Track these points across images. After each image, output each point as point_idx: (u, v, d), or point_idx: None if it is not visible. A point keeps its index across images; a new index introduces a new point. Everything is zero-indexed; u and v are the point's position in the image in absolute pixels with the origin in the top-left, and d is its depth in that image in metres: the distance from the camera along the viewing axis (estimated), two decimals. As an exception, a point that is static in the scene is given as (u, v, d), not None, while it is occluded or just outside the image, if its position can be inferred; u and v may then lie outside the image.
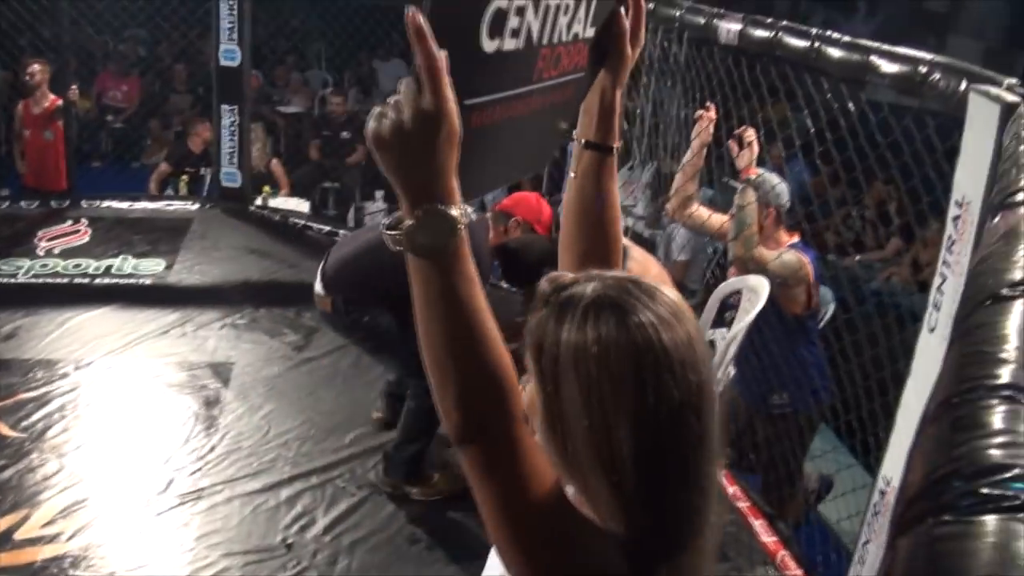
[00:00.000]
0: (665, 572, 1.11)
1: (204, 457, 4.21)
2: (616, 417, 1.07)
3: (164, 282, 6.24)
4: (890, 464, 3.01)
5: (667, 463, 1.10)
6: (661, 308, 1.12)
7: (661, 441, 1.09)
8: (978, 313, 0.91)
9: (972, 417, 0.69)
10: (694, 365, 1.10)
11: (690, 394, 1.09)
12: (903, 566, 0.56)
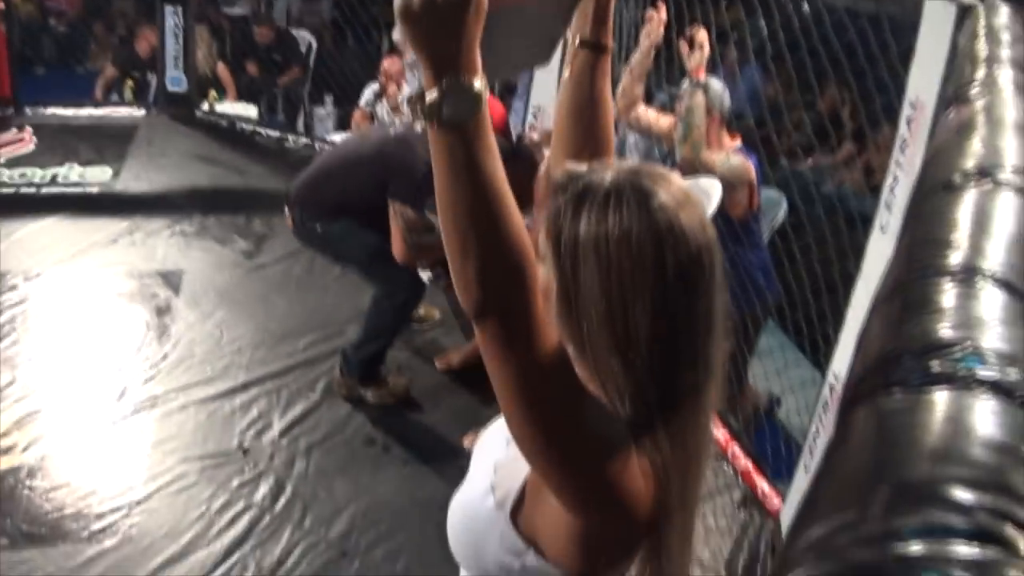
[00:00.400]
0: (668, 447, 1.16)
1: (157, 365, 4.19)
2: (635, 297, 1.12)
3: (112, 190, 6.12)
4: (840, 360, 3.07)
5: (679, 342, 1.16)
6: (676, 191, 1.17)
7: (676, 320, 1.15)
8: (930, 201, 0.92)
9: (923, 297, 0.70)
10: (708, 247, 1.16)
11: (704, 275, 1.15)
12: (851, 439, 0.57)
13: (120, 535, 3.24)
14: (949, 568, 0.44)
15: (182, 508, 3.37)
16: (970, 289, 0.70)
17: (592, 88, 1.50)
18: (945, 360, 0.59)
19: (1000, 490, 0.48)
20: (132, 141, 6.85)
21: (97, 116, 7.37)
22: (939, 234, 0.83)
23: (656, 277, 1.13)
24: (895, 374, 0.60)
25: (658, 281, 1.13)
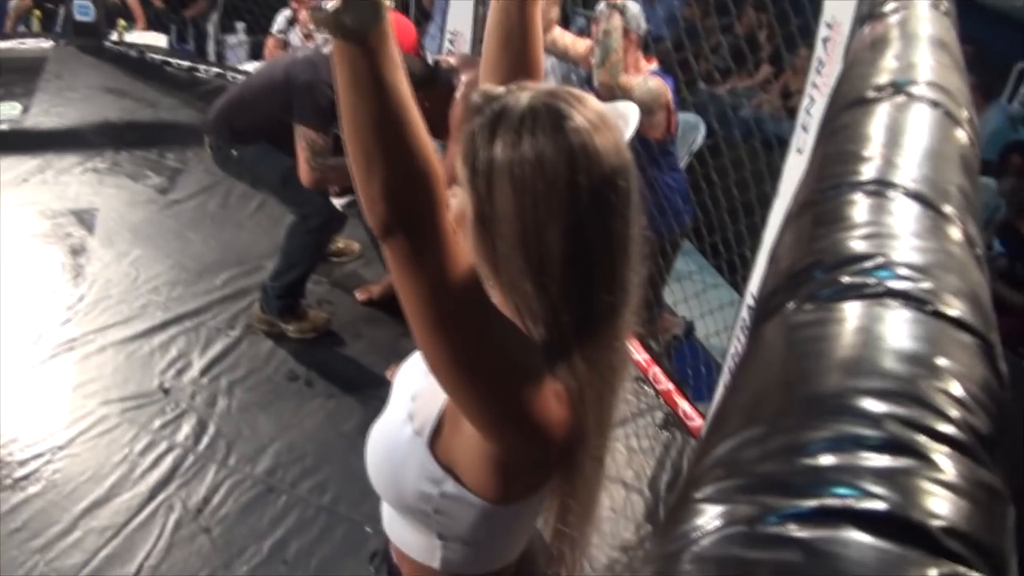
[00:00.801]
0: (583, 371, 1.18)
1: (73, 307, 4.09)
2: (548, 219, 1.13)
3: (21, 127, 5.90)
4: (757, 281, 3.11)
5: (594, 265, 1.17)
6: (591, 114, 1.17)
7: (590, 243, 1.15)
8: (842, 116, 0.91)
9: (834, 211, 0.69)
10: (623, 170, 1.18)
11: (619, 197, 1.16)
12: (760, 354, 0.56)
13: (43, 481, 3.18)
14: (859, 479, 0.44)
15: (104, 451, 3.31)
16: (882, 202, 0.70)
17: (521, 14, 1.46)
18: (856, 273, 0.59)
19: (912, 400, 0.48)
20: (40, 74, 6.61)
21: (3, 49, 7.08)
22: (851, 148, 0.82)
23: (569, 199, 1.13)
24: (805, 288, 0.60)
25: (572, 203, 1.13)
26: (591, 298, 1.18)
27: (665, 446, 3.53)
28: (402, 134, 1.02)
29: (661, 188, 4.25)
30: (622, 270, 1.20)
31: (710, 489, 0.46)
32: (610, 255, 1.18)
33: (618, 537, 3.10)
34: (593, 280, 1.17)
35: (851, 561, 0.40)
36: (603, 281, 1.18)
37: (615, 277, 1.19)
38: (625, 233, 1.19)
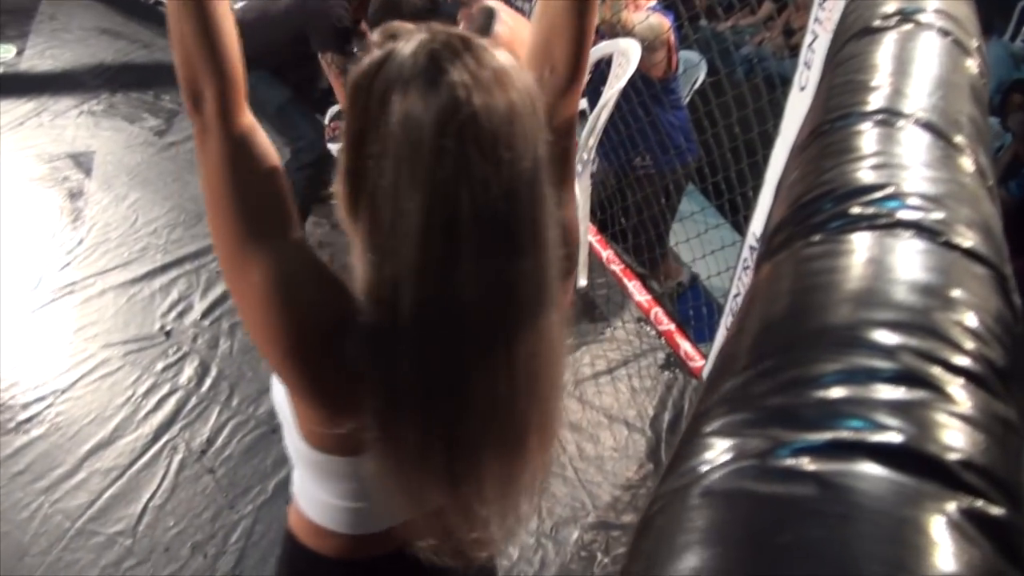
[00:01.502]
0: (408, 375, 1.04)
1: (73, 251, 4.08)
2: (409, 187, 0.97)
3: (16, 70, 5.86)
4: (759, 220, 3.09)
5: (458, 248, 0.98)
6: (484, 71, 0.98)
7: (455, 220, 0.97)
8: (849, 46, 0.89)
9: (842, 142, 0.68)
10: (509, 140, 0.97)
11: (501, 171, 0.97)
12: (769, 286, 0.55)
13: (47, 424, 3.19)
14: (873, 412, 0.43)
15: (107, 394, 3.33)
16: (891, 132, 0.68)
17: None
18: (866, 203, 0.57)
19: (926, 331, 0.47)
20: (34, 16, 6.55)
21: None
22: (858, 78, 0.80)
23: (433, 166, 0.96)
24: (813, 219, 0.58)
25: (434, 171, 0.96)
26: (439, 290, 1.00)
27: (667, 386, 3.54)
28: (201, 24, 1.01)
29: (663, 126, 4.21)
30: (503, 260, 1.00)
31: (719, 423, 0.45)
32: (484, 238, 0.98)
33: (620, 476, 3.12)
34: (454, 267, 0.99)
35: (866, 494, 0.39)
36: (469, 271, 0.99)
37: (490, 268, 0.99)
38: (509, 214, 0.98)
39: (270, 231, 1.05)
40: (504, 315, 1.03)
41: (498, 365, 1.05)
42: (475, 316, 1.01)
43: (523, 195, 0.99)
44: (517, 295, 1.03)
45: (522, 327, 1.05)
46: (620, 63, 3.82)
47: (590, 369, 3.59)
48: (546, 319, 1.07)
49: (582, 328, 3.83)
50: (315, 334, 1.06)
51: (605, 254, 4.28)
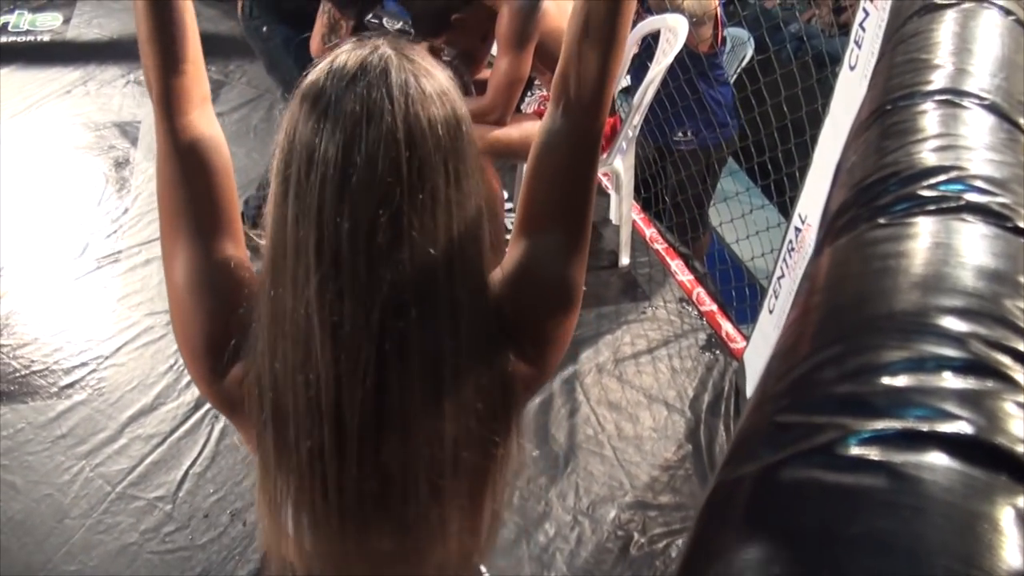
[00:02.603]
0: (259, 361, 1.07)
1: (118, 220, 4.12)
2: (296, 208, 0.99)
3: (63, 38, 5.91)
4: (806, 201, 3.05)
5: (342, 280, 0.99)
6: (362, 98, 0.97)
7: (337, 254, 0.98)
8: (909, 23, 0.87)
9: (906, 122, 0.66)
10: (322, 163, 0.97)
11: (350, 216, 0.96)
12: (833, 270, 0.54)
13: (89, 389, 3.24)
14: (943, 401, 0.42)
15: (150, 361, 3.36)
16: (955, 112, 0.66)
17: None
18: (931, 186, 0.56)
19: (996, 319, 0.46)
20: (81, -16, 6.61)
21: (43, -44, 7.09)
22: (920, 56, 0.78)
23: (282, 192, 1.00)
24: (878, 202, 0.57)
25: (283, 194, 1.00)
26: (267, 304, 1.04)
27: (707, 367, 3.52)
28: (154, 25, 1.08)
29: (708, 102, 4.18)
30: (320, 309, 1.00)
31: (785, 410, 0.44)
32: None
33: (659, 456, 3.11)
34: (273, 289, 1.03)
35: (937, 486, 0.38)
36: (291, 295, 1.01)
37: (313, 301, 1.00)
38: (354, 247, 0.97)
39: (196, 232, 1.10)
40: (389, 377, 1.03)
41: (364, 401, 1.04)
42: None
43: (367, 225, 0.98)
44: (409, 363, 1.03)
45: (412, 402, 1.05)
46: (667, 39, 3.78)
47: (630, 348, 3.58)
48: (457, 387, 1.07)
49: (623, 307, 3.81)
50: (213, 336, 1.10)
51: (648, 232, 4.25)
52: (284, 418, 1.06)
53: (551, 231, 1.13)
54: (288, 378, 1.03)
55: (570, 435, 3.16)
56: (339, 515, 1.10)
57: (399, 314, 1.00)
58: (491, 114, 3.43)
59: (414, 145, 0.96)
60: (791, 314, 0.55)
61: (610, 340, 3.61)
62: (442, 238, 1.00)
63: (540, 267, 1.13)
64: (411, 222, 0.97)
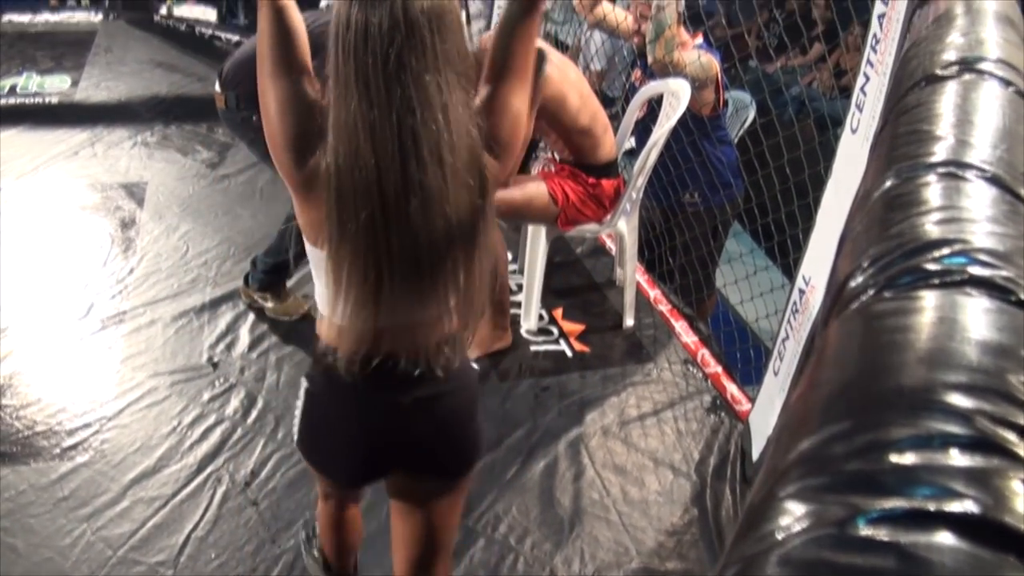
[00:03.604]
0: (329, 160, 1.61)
1: (123, 280, 4.14)
2: (332, 42, 1.59)
3: (71, 100, 5.99)
4: (810, 263, 3.06)
5: (381, 113, 1.55)
6: None
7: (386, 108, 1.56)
8: (911, 94, 0.88)
9: (910, 194, 0.67)
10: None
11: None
12: (841, 343, 0.54)
13: (92, 451, 3.22)
14: (950, 479, 0.42)
15: (153, 423, 3.35)
16: (958, 184, 0.67)
17: None
18: (935, 259, 0.56)
19: (1000, 395, 0.46)
20: (90, 48, 6.70)
21: (54, 22, 7.21)
22: (923, 128, 0.79)
23: (335, 47, 1.59)
24: (884, 275, 0.57)
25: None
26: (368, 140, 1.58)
27: (713, 430, 3.50)
28: None
29: (713, 163, 4.22)
30: (414, 123, 1.56)
31: (795, 486, 0.44)
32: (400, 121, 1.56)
33: (665, 521, 3.08)
34: (376, 125, 1.57)
35: (946, 568, 0.38)
36: (387, 129, 1.57)
37: (406, 128, 1.57)
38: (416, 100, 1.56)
39: (285, 71, 1.67)
40: (411, 168, 1.57)
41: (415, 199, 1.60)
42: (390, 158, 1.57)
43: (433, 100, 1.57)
44: (436, 152, 1.58)
45: (428, 179, 1.58)
46: (670, 102, 3.82)
47: (636, 411, 3.56)
48: (450, 166, 1.60)
49: (628, 369, 3.81)
50: (298, 139, 1.65)
51: (652, 294, 4.26)
52: (344, 196, 1.59)
53: (506, 78, 1.73)
54: (346, 166, 1.58)
55: (575, 499, 3.14)
56: (380, 282, 1.64)
57: (410, 116, 1.55)
58: (495, 175, 3.46)
59: (408, 13, 1.53)
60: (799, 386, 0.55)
61: (615, 402, 3.60)
62: (431, 67, 1.55)
63: (501, 99, 1.72)
64: (408, 57, 1.54)
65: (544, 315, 4.05)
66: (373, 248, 1.61)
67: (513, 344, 3.83)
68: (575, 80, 3.51)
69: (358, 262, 1.63)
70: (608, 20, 4.44)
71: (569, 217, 3.63)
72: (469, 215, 1.66)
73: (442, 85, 1.57)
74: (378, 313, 1.67)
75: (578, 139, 3.55)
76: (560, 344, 3.92)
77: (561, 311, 4.12)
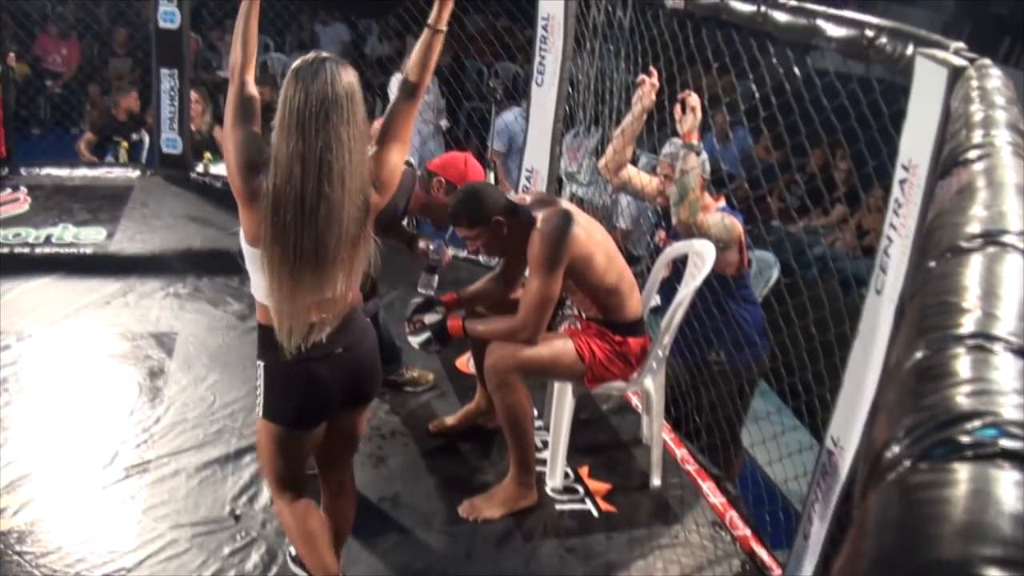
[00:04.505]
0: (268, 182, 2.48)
1: (149, 429, 4.15)
2: (280, 104, 2.49)
3: (105, 251, 6.13)
4: (838, 424, 3.04)
5: (305, 156, 2.41)
6: (337, 77, 2.43)
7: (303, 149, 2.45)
8: (937, 265, 0.91)
9: (940, 367, 0.69)
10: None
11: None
12: (879, 515, 0.55)
13: (110, 604, 3.18)
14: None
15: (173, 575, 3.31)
16: (986, 356, 0.69)
17: None
18: (967, 431, 0.58)
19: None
20: (126, 202, 6.89)
21: (91, 177, 7.44)
22: (949, 299, 0.82)
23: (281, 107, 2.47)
24: (917, 446, 0.59)
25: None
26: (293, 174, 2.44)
27: (741, 594, 3.42)
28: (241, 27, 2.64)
29: (737, 321, 4.25)
30: (325, 160, 2.42)
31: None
32: (316, 159, 2.42)
33: None
34: (297, 163, 2.44)
35: None
36: (306, 167, 2.43)
37: (316, 170, 2.43)
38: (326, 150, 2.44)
39: (241, 123, 2.50)
40: (324, 187, 2.41)
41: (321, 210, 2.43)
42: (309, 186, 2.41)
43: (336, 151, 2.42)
44: (342, 182, 2.42)
45: (333, 196, 2.42)
46: (695, 263, 3.88)
47: (662, 575, 3.49)
48: (348, 189, 2.44)
49: (655, 530, 3.75)
50: (247, 166, 2.47)
51: (679, 453, 4.23)
52: (278, 207, 2.41)
53: (390, 141, 2.63)
54: (280, 184, 2.40)
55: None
56: (298, 269, 2.44)
57: (327, 153, 2.38)
58: (522, 332, 3.50)
59: (334, 88, 2.38)
60: (841, 557, 0.55)
61: (642, 566, 3.53)
62: (345, 123, 2.39)
63: (384, 154, 2.61)
64: (331, 115, 2.37)
65: (570, 473, 4.01)
66: (294, 245, 2.42)
67: (538, 502, 3.79)
68: (601, 240, 3.59)
69: (285, 255, 2.44)
70: (633, 183, 4.55)
71: (596, 374, 3.64)
72: (356, 226, 2.50)
73: (351, 136, 2.41)
74: (302, 292, 2.47)
75: (605, 298, 3.60)
76: (586, 503, 3.88)
77: (587, 469, 4.08)
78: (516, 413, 3.55)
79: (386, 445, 4.17)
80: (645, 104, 4.37)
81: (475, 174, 4.01)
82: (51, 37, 11.20)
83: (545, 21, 5.13)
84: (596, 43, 5.51)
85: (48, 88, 10.93)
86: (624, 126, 4.49)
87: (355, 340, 2.71)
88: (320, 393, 2.68)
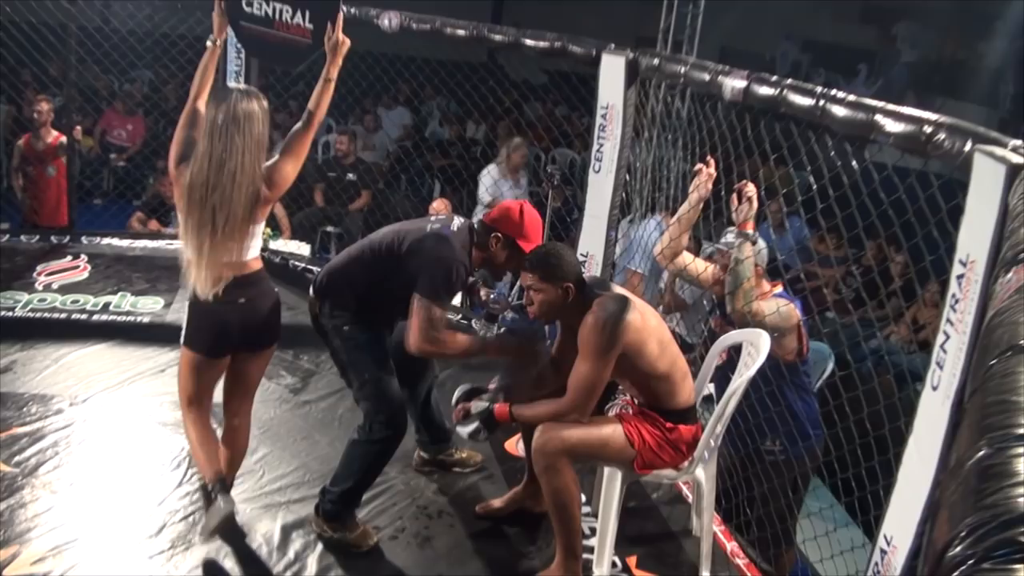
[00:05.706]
0: None
1: (197, 502, 4.15)
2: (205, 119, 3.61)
3: (162, 320, 6.23)
4: (891, 522, 2.98)
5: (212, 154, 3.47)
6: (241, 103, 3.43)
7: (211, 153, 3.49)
8: (998, 364, 0.90)
9: (1002, 465, 0.68)
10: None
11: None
12: (941, 615, 0.55)
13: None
14: None
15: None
16: (1049, 457, 0.68)
17: None
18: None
19: None
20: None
21: (151, 248, 7.59)
22: (1011, 398, 0.81)
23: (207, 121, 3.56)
24: (980, 545, 0.58)
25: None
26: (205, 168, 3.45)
27: None
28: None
29: (794, 411, 4.21)
30: (226, 161, 3.42)
31: None
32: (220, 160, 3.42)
33: None
34: (208, 160, 3.46)
35: None
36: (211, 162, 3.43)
37: (220, 166, 3.42)
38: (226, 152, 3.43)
39: (184, 128, 3.59)
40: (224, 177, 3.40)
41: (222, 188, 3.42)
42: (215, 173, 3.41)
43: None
44: (232, 175, 3.40)
45: (226, 186, 3.40)
46: (750, 352, 3.86)
47: (709, 670, 3.41)
48: (238, 183, 3.41)
49: (702, 624, 3.67)
50: (180, 157, 3.52)
51: (729, 546, 4.15)
52: (192, 190, 3.41)
53: (287, 155, 3.58)
54: (195, 173, 3.40)
55: None
56: (201, 236, 3.44)
57: (225, 154, 3.36)
58: (569, 414, 3.50)
59: (237, 113, 3.38)
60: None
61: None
62: (241, 134, 3.37)
63: (280, 163, 3.55)
64: (231, 129, 3.36)
65: (618, 562, 3.95)
66: (198, 218, 3.41)
67: (584, 590, 3.73)
68: (655, 327, 3.58)
69: (193, 224, 3.44)
70: (689, 270, 4.56)
71: (645, 461, 3.61)
72: (245, 211, 3.44)
73: (245, 145, 3.38)
74: (204, 252, 3.45)
75: (656, 384, 3.59)
76: (633, 593, 3.81)
77: (635, 559, 4.02)
78: (563, 497, 3.52)
79: (433, 525, 4.14)
80: (702, 193, 4.40)
81: (531, 223, 3.93)
82: (117, 113, 11.55)
83: (604, 110, 5.19)
84: (654, 132, 5.58)
85: (112, 161, 11.23)
86: (680, 214, 4.51)
87: (255, 296, 3.62)
88: (223, 329, 3.61)
